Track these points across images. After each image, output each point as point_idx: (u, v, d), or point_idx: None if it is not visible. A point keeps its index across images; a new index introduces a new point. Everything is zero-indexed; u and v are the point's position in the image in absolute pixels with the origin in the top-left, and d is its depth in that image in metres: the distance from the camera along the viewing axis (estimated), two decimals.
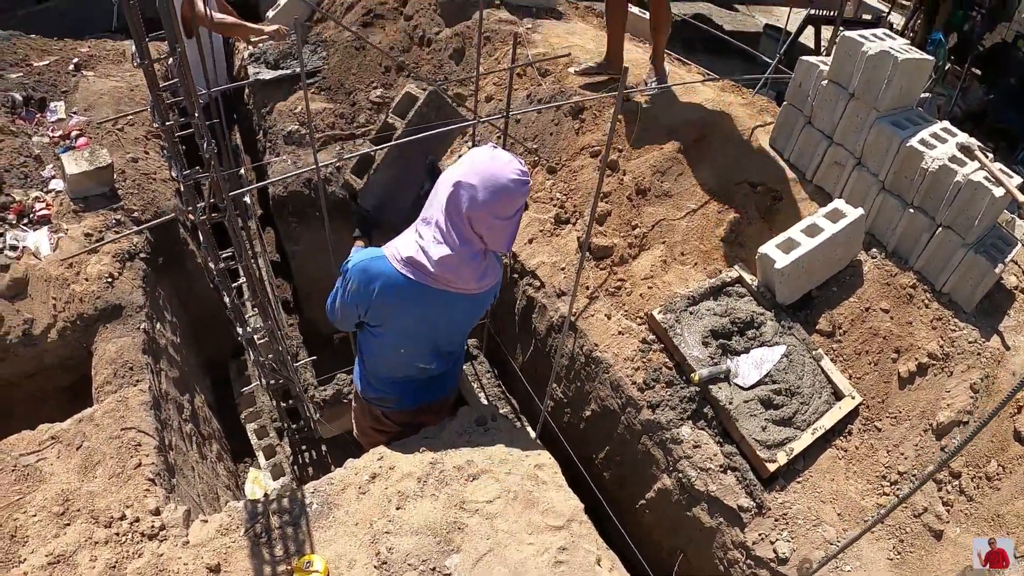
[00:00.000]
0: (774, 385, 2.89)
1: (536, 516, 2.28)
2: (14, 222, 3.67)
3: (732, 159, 3.52)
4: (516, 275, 3.74)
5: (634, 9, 4.77)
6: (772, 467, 2.72)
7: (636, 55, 4.43)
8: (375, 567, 2.20)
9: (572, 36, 4.69)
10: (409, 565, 2.18)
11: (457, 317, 2.41)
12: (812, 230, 3.08)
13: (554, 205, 3.71)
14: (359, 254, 2.30)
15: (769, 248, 3.04)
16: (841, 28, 5.67)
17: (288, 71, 4.63)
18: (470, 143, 3.05)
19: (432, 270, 2.12)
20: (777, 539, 2.64)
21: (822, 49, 7.09)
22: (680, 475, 2.86)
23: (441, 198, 2.10)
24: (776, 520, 2.69)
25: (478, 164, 2.05)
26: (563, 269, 3.51)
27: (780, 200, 3.41)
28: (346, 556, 2.25)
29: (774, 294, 3.09)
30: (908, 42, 3.31)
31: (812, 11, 7.08)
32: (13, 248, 3.56)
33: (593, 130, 3.87)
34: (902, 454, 2.78)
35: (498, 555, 2.19)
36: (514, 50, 2.62)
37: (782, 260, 2.99)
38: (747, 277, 3.16)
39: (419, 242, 2.15)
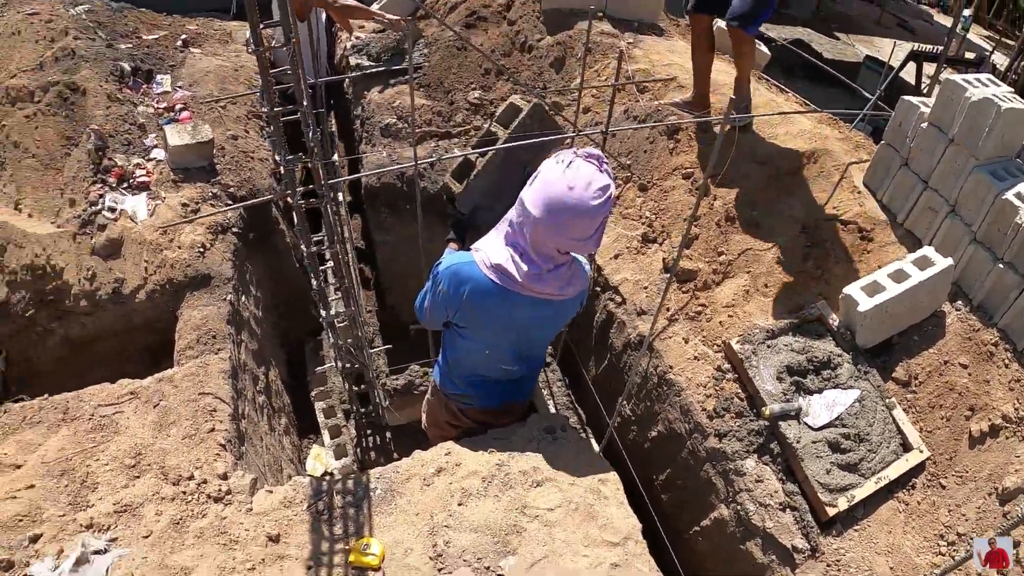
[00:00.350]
0: (844, 429, 2.83)
1: (594, 530, 2.28)
2: (114, 185, 3.86)
3: (824, 194, 3.45)
4: (599, 288, 3.75)
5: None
6: (832, 511, 2.67)
7: (727, 78, 4.37)
8: (430, 558, 2.23)
9: (672, 54, 4.67)
10: (464, 561, 2.20)
11: (542, 323, 2.43)
12: (899, 275, 2.99)
13: (642, 223, 3.70)
14: (450, 257, 2.34)
15: (854, 289, 2.98)
16: (944, 66, 5.49)
17: (389, 65, 4.72)
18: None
19: (519, 279, 2.16)
20: None
21: (923, 86, 6.87)
22: (739, 507, 2.82)
23: (515, 216, 2.14)
24: (828, 566, 2.63)
25: (549, 186, 2.03)
26: (645, 288, 3.51)
27: (869, 241, 3.32)
28: (403, 543, 2.29)
29: (854, 336, 3.02)
30: (1012, 90, 3.19)
31: (916, 47, 6.87)
32: (111, 210, 3.74)
33: (687, 151, 3.85)
34: (963, 515, 2.68)
35: (552, 563, 2.20)
36: (619, 67, 2.63)
37: (866, 303, 2.92)
38: (828, 316, 3.09)
39: (506, 249, 2.19)
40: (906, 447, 2.83)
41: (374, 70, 4.68)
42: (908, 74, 7.19)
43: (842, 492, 2.70)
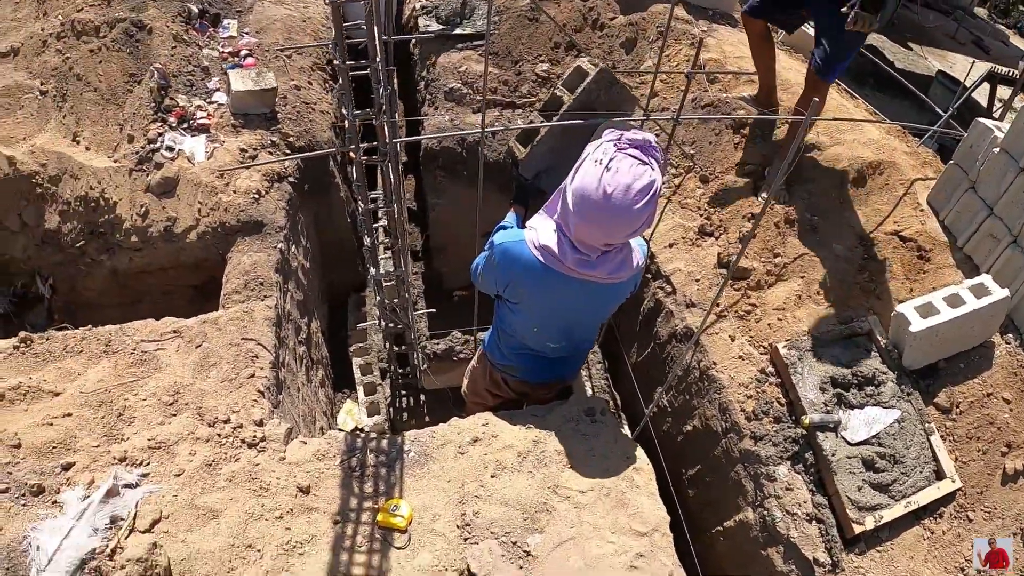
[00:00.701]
0: (880, 448, 2.79)
1: (623, 517, 2.29)
2: (174, 125, 3.89)
3: (887, 207, 3.38)
4: (649, 276, 3.72)
5: None
6: (857, 529, 2.65)
7: (797, 76, 4.26)
8: (458, 526, 2.26)
9: (745, 47, 4.56)
10: (491, 533, 2.22)
11: (591, 306, 2.42)
12: (954, 300, 2.93)
13: (700, 215, 3.66)
14: (503, 235, 2.34)
15: (907, 308, 2.92)
16: (1021, 91, 5.32)
17: (459, 29, 4.68)
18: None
19: (566, 263, 2.14)
20: None
21: (995, 109, 6.66)
22: (765, 513, 2.81)
23: (560, 203, 2.11)
24: None
25: (587, 189, 1.96)
26: (697, 280, 3.47)
27: (927, 261, 3.25)
28: (432, 509, 2.31)
29: (901, 356, 2.97)
30: None
31: (993, 68, 6.64)
32: (170, 149, 3.78)
33: (752, 147, 3.78)
34: None
35: (578, 545, 2.21)
36: (697, 55, 2.57)
37: (918, 324, 2.86)
38: (878, 332, 3.04)
39: (555, 233, 2.17)
40: (939, 475, 2.80)
41: (440, 31, 4.64)
42: (980, 94, 6.97)
43: (871, 511, 2.68)
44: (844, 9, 3.03)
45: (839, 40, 3.29)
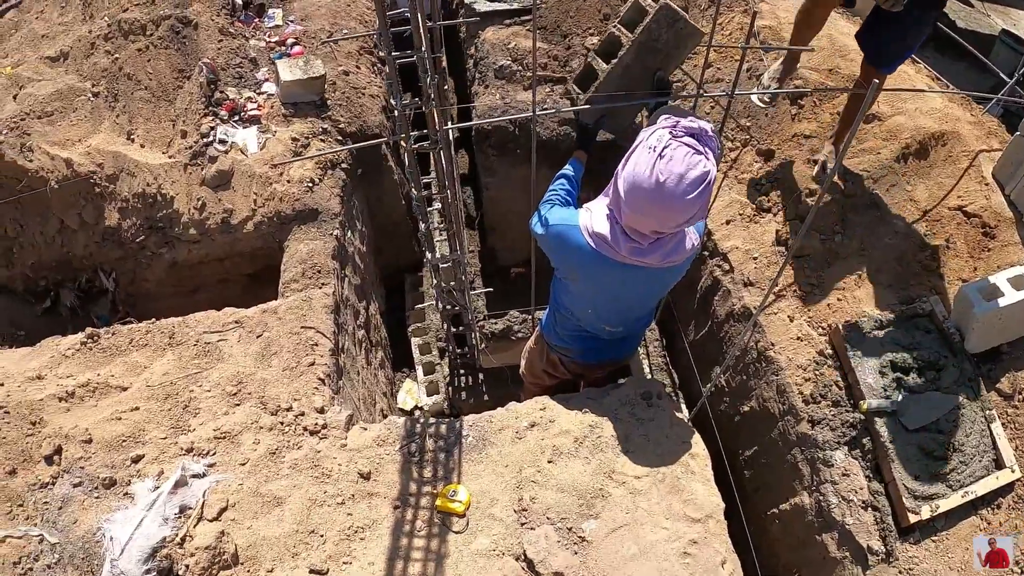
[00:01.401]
0: (939, 436, 2.72)
1: (677, 504, 2.30)
2: (225, 118, 3.95)
3: (950, 181, 3.25)
4: (706, 253, 3.68)
5: None
6: (913, 519, 2.59)
7: (851, 40, 4.06)
8: (515, 511, 2.30)
9: None
10: (547, 519, 2.26)
11: (645, 290, 2.42)
12: (1019, 282, 2.82)
13: (758, 191, 3.58)
14: (556, 213, 2.32)
15: (970, 289, 2.82)
16: None
17: (505, 4, 4.62)
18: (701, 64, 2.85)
19: (619, 251, 2.14)
20: None
21: None
22: (820, 498, 2.78)
23: (612, 190, 2.10)
24: (900, 572, 2.57)
25: (639, 178, 1.95)
26: (755, 258, 3.42)
27: (992, 239, 3.13)
28: (489, 493, 2.36)
29: (964, 339, 2.88)
30: None
31: None
32: (222, 142, 3.85)
33: (810, 119, 3.67)
34: None
35: (632, 531, 2.23)
36: (752, 24, 2.49)
37: (981, 306, 2.76)
38: (940, 313, 2.95)
39: (608, 220, 2.16)
40: (999, 464, 2.72)
41: (487, 9, 4.57)
42: None
43: (927, 500, 2.62)
44: None
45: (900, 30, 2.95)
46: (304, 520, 2.31)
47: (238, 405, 2.71)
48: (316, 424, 2.65)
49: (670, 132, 1.96)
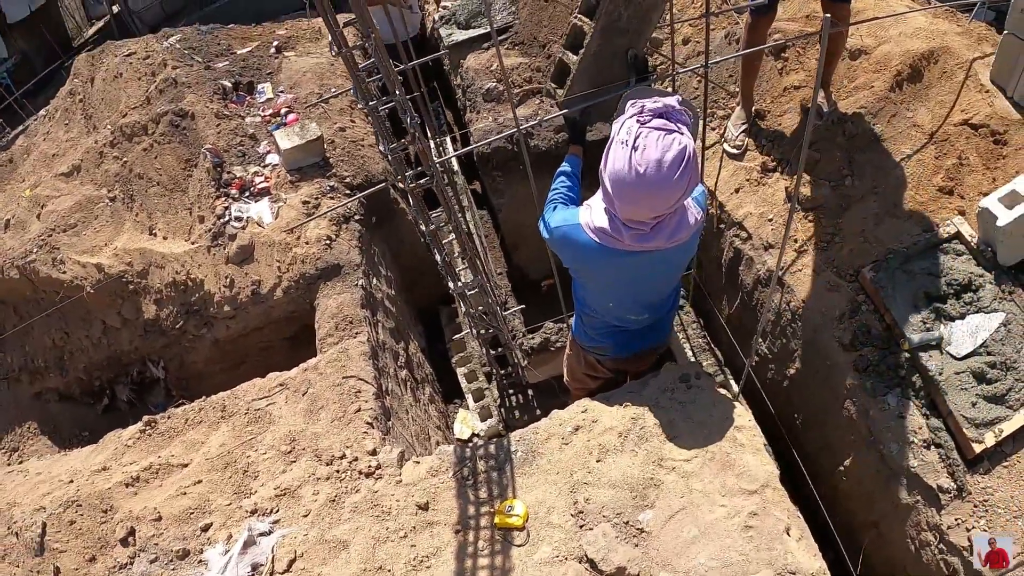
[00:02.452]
0: (989, 357, 2.62)
1: (731, 479, 2.28)
2: (237, 196, 4.12)
3: (950, 97, 3.16)
4: (723, 226, 3.66)
5: None
6: (978, 448, 2.50)
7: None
8: (572, 515, 2.32)
9: None
10: (604, 517, 2.27)
11: (659, 272, 2.42)
12: None
13: (760, 152, 3.56)
14: (558, 216, 2.36)
15: (991, 202, 2.72)
16: None
17: (480, 30, 4.69)
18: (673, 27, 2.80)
19: (624, 240, 2.16)
20: (974, 526, 2.43)
21: None
22: (881, 446, 2.71)
23: (602, 188, 2.11)
24: (975, 506, 2.47)
25: (619, 173, 1.97)
26: (771, 220, 3.39)
27: (1004, 144, 3.02)
28: (545, 503, 2.38)
29: (995, 254, 2.78)
30: None
31: None
32: (238, 219, 4.01)
33: (797, 69, 3.64)
34: None
35: (690, 514, 2.23)
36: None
37: (1005, 216, 2.66)
38: (966, 233, 2.86)
39: (607, 212, 2.18)
40: None
41: (464, 37, 4.65)
42: None
43: (989, 426, 2.51)
44: None
45: None
46: (370, 558, 2.37)
47: (294, 462, 2.81)
48: (370, 466, 2.73)
49: (637, 120, 1.98)
